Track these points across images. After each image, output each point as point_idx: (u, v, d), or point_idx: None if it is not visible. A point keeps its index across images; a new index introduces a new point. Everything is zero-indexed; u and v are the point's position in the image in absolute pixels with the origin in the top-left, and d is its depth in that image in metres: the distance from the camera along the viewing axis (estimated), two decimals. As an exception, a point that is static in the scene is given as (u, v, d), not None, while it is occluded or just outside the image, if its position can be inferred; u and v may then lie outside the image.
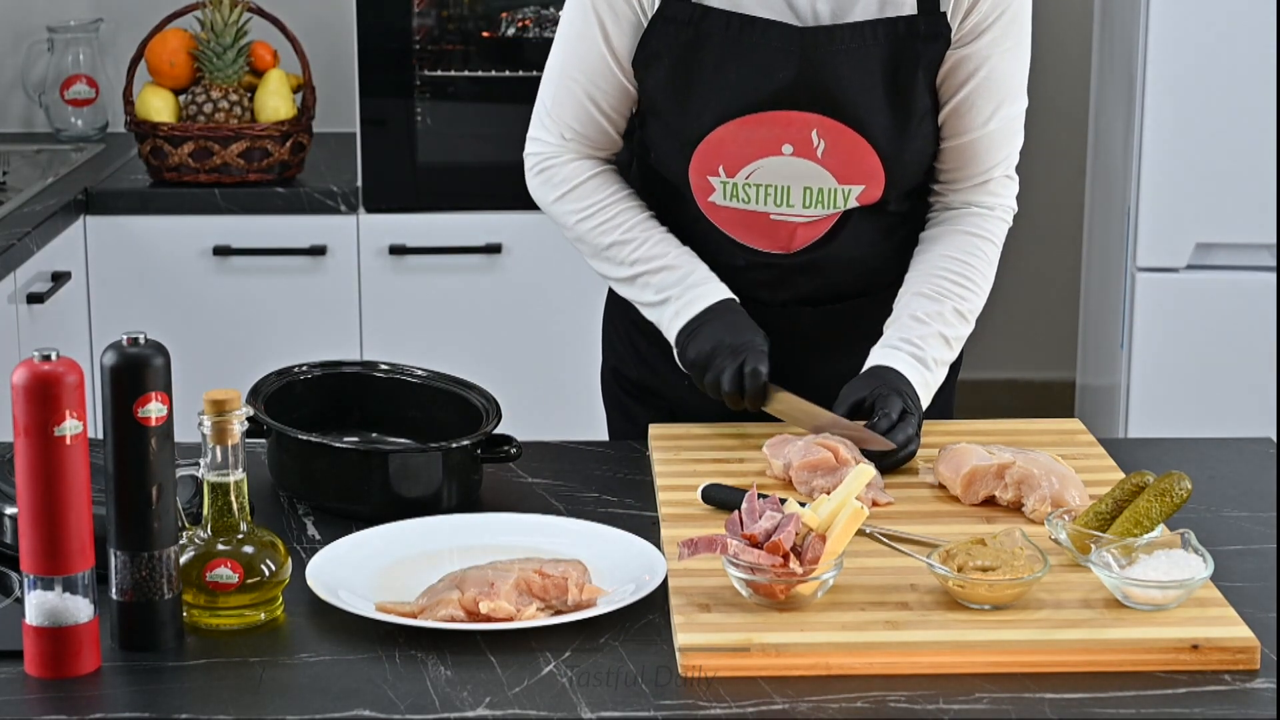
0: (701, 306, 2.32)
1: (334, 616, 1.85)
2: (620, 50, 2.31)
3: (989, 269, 2.41)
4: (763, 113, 2.27)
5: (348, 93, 4.02)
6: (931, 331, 2.32)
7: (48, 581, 1.73)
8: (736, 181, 2.31)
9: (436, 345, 3.84)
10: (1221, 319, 3.85)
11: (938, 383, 2.33)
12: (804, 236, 2.35)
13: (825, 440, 2.15)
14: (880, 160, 2.29)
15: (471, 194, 3.86)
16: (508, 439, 2.19)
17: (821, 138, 2.27)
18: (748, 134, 2.28)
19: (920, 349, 2.30)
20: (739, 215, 2.34)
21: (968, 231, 2.39)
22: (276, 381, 2.26)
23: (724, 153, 2.30)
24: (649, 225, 2.38)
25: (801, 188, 2.31)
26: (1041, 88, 4.86)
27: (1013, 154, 2.39)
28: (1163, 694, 1.71)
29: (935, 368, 2.31)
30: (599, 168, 2.40)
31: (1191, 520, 2.09)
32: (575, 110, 2.36)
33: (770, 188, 2.31)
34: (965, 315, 2.36)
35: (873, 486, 2.09)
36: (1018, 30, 2.29)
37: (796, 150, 2.28)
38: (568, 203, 2.40)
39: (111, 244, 3.81)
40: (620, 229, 2.37)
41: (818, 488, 2.11)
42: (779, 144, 2.28)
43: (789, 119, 2.27)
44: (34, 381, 1.69)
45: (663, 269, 2.35)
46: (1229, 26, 3.74)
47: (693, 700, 1.70)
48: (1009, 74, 2.32)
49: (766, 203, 2.32)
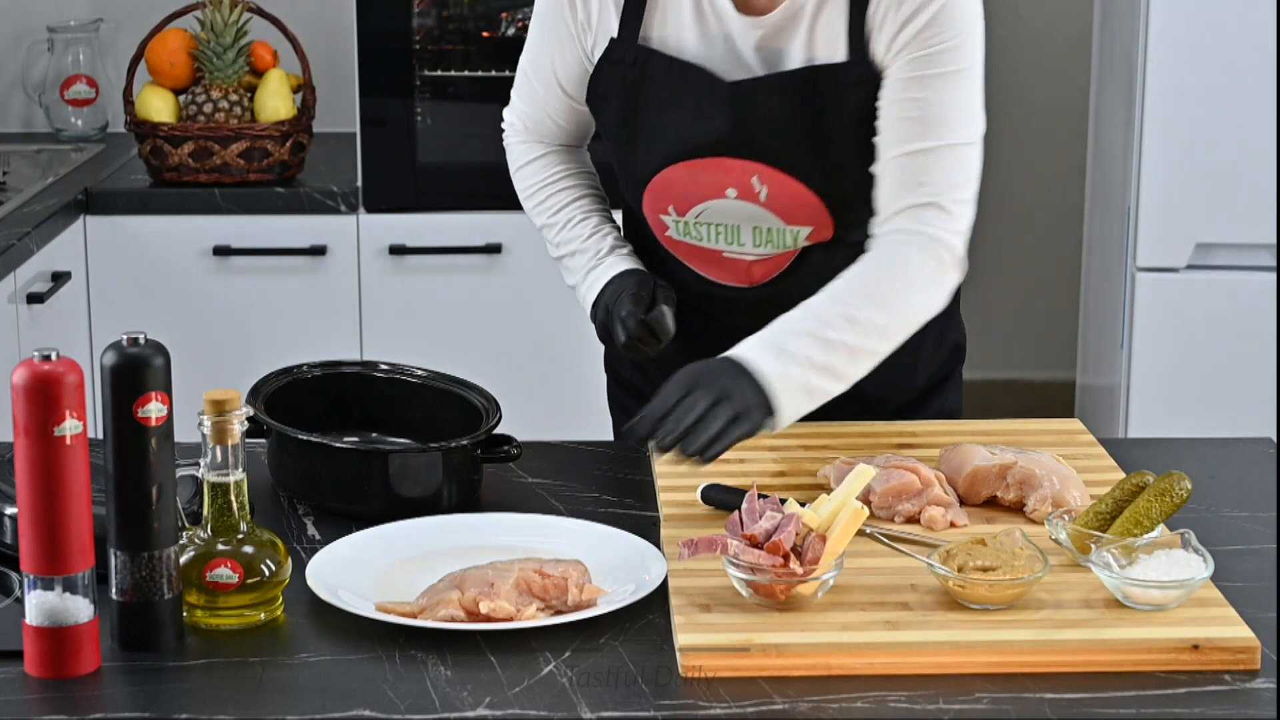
0: (597, 289, 2.36)
1: (334, 616, 1.85)
2: (568, 82, 2.36)
3: (899, 286, 2.18)
4: (704, 159, 2.27)
5: (348, 93, 4.01)
6: (804, 328, 2.12)
7: (48, 581, 1.73)
8: (687, 220, 2.32)
9: (436, 345, 3.84)
10: (1221, 319, 3.85)
11: (806, 379, 2.09)
12: (762, 272, 2.34)
13: (902, 463, 2.09)
14: (823, 203, 2.27)
15: (471, 194, 3.86)
16: (508, 439, 2.19)
17: (763, 183, 2.26)
18: (692, 177, 2.29)
19: (783, 341, 2.11)
20: (695, 250, 2.35)
21: (878, 254, 2.21)
22: (277, 381, 2.26)
23: (673, 193, 2.31)
24: (575, 208, 2.42)
25: (751, 228, 2.30)
26: (1042, 88, 4.87)
27: (944, 185, 2.20)
28: (1163, 694, 1.71)
29: (805, 364, 2.09)
30: (545, 150, 2.45)
31: (1191, 520, 2.09)
32: (528, 107, 2.44)
33: (720, 227, 2.31)
34: (856, 321, 2.13)
35: (951, 508, 2.07)
36: (951, 60, 2.19)
37: (740, 194, 2.28)
38: (518, 180, 2.49)
39: (111, 244, 3.81)
40: (549, 212, 2.44)
41: (902, 513, 2.06)
42: (723, 188, 2.28)
43: (729, 165, 2.27)
44: (34, 381, 1.69)
45: (575, 253, 2.41)
46: (1229, 26, 3.74)
47: (693, 700, 1.70)
48: (936, 102, 2.19)
49: (718, 241, 2.32)
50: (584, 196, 2.44)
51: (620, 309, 2.31)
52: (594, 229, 2.41)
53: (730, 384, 2.06)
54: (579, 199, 2.44)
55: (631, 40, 2.27)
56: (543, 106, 2.41)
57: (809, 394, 2.11)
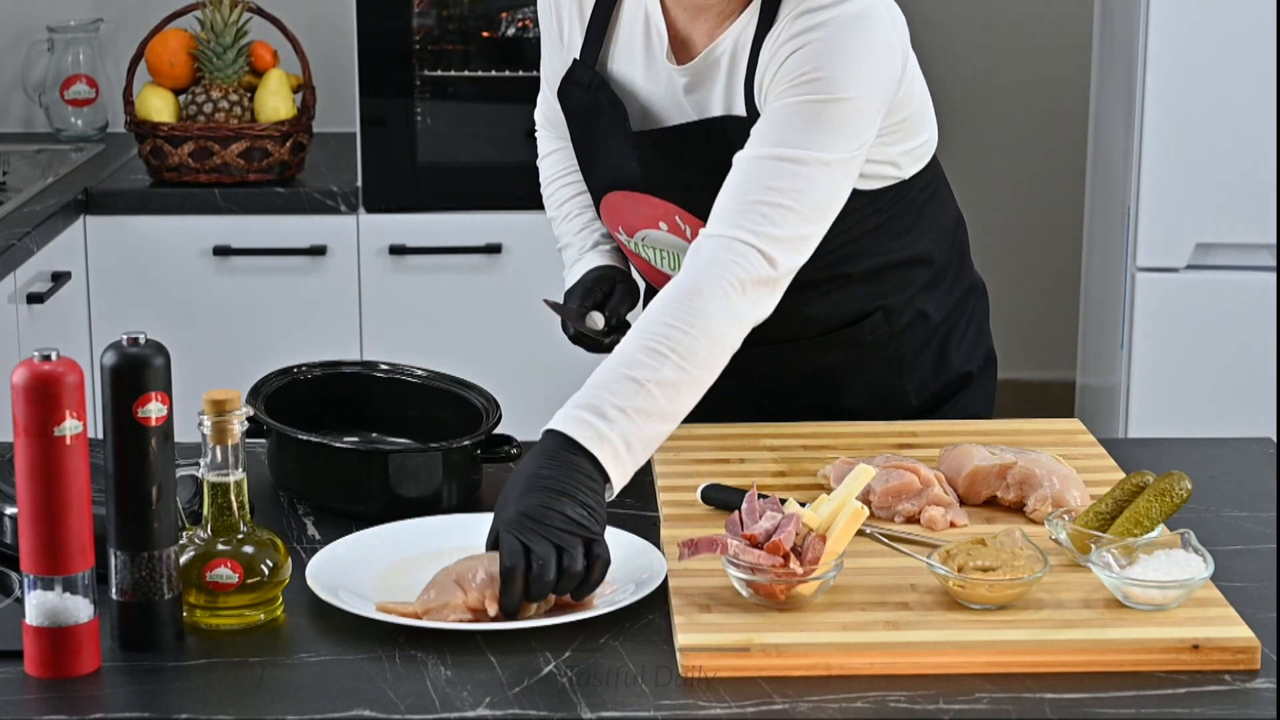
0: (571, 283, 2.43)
1: (334, 616, 1.85)
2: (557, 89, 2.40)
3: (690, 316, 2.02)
4: (633, 192, 2.31)
5: (348, 93, 4.02)
6: (616, 375, 1.98)
7: (48, 581, 1.73)
8: (635, 241, 2.36)
9: (436, 345, 3.84)
10: (1221, 319, 3.85)
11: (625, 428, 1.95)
12: None
13: (902, 463, 2.10)
14: None
15: (471, 194, 3.86)
16: (508, 439, 2.20)
17: (684, 223, 2.29)
18: (631, 205, 2.33)
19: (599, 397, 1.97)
20: (651, 267, 2.39)
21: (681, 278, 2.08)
22: (276, 381, 2.26)
23: (619, 217, 2.36)
24: (572, 204, 2.49)
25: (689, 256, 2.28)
26: (1042, 88, 4.87)
27: (777, 208, 2.07)
28: (1163, 694, 1.71)
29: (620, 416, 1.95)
30: (559, 146, 2.51)
31: (1191, 520, 2.09)
32: (541, 103, 2.51)
33: (663, 251, 2.34)
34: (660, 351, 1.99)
35: (951, 508, 2.07)
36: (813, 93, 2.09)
37: (670, 229, 2.31)
38: (540, 172, 2.56)
39: (111, 244, 3.81)
40: (555, 204, 2.52)
41: (902, 513, 2.06)
42: (655, 220, 2.32)
43: (653, 203, 2.30)
44: (34, 381, 1.69)
45: (567, 246, 2.49)
46: (1229, 26, 3.74)
47: (693, 700, 1.70)
48: (783, 123, 2.10)
49: (663, 264, 2.35)
50: (584, 193, 2.47)
51: (570, 301, 2.38)
52: (584, 225, 2.47)
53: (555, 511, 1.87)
54: (578, 194, 2.48)
55: (589, 65, 2.31)
56: (552, 105, 2.45)
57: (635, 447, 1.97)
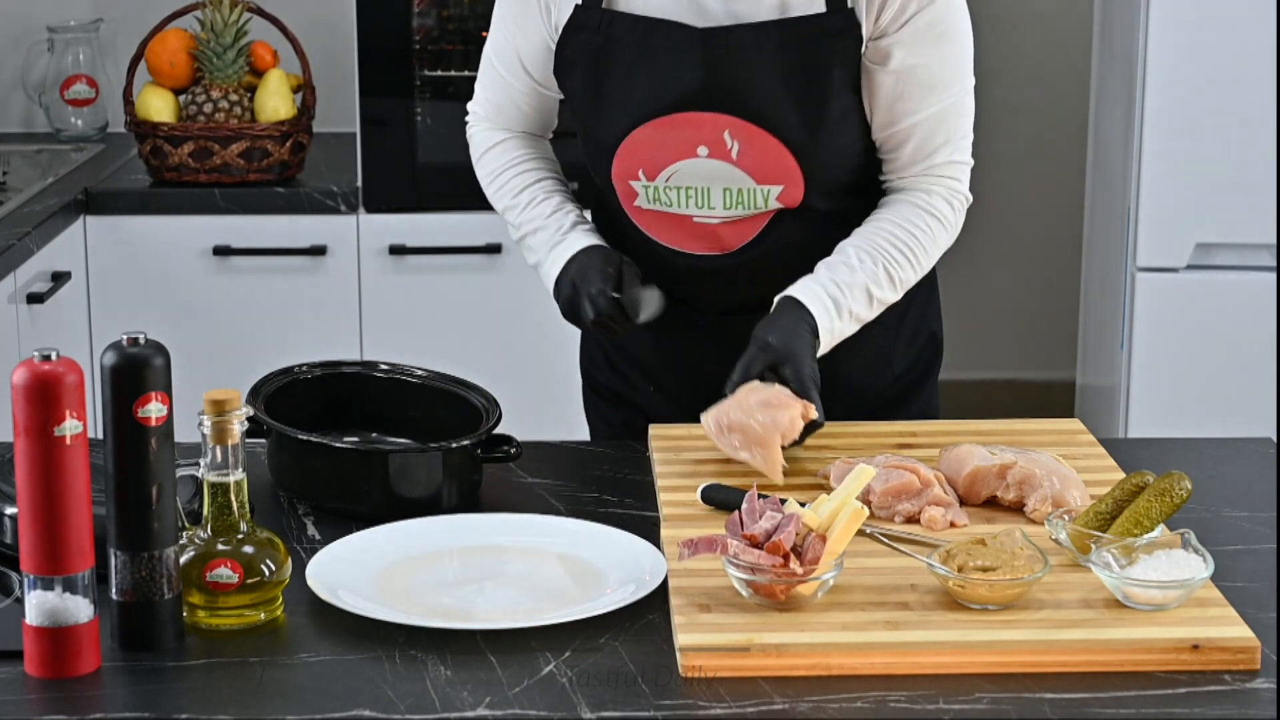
0: (561, 265, 2.35)
1: (334, 616, 1.85)
2: (532, 65, 2.37)
3: (931, 244, 2.33)
4: (674, 114, 2.27)
5: (348, 93, 4.01)
6: (858, 281, 2.28)
7: (48, 581, 1.73)
8: (657, 185, 2.32)
9: (436, 345, 3.83)
10: (1221, 319, 3.85)
11: (844, 334, 2.28)
12: (733, 237, 2.34)
13: (902, 463, 2.10)
14: (796, 160, 2.27)
15: (471, 194, 3.81)
16: (508, 439, 2.20)
17: (734, 139, 2.27)
18: (662, 136, 2.28)
19: (841, 295, 2.27)
20: (664, 219, 2.35)
21: (915, 204, 2.34)
22: (276, 381, 2.26)
23: (642, 156, 2.31)
24: (537, 188, 2.42)
25: (721, 189, 2.30)
26: (1042, 88, 4.87)
27: (956, 138, 2.33)
28: (1163, 694, 1.71)
29: (848, 320, 2.27)
30: (505, 136, 2.45)
31: (1191, 520, 2.09)
32: (493, 95, 2.44)
33: (690, 190, 2.31)
34: (895, 281, 2.30)
35: (951, 508, 2.08)
36: (944, 19, 2.26)
37: (711, 152, 2.28)
38: (480, 167, 2.49)
39: (111, 244, 3.81)
40: (510, 193, 2.44)
41: (902, 513, 2.06)
42: (694, 146, 2.28)
43: (700, 120, 2.27)
44: (34, 381, 1.69)
45: (536, 230, 2.40)
46: (1229, 27, 3.74)
47: (693, 700, 1.70)
48: (938, 63, 2.27)
49: (688, 205, 2.32)
50: (546, 178, 2.43)
51: (589, 285, 2.30)
52: (556, 206, 2.41)
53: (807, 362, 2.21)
54: (540, 180, 2.43)
55: (595, 5, 2.27)
56: (508, 93, 2.41)
57: (835, 339, 2.28)
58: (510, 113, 2.43)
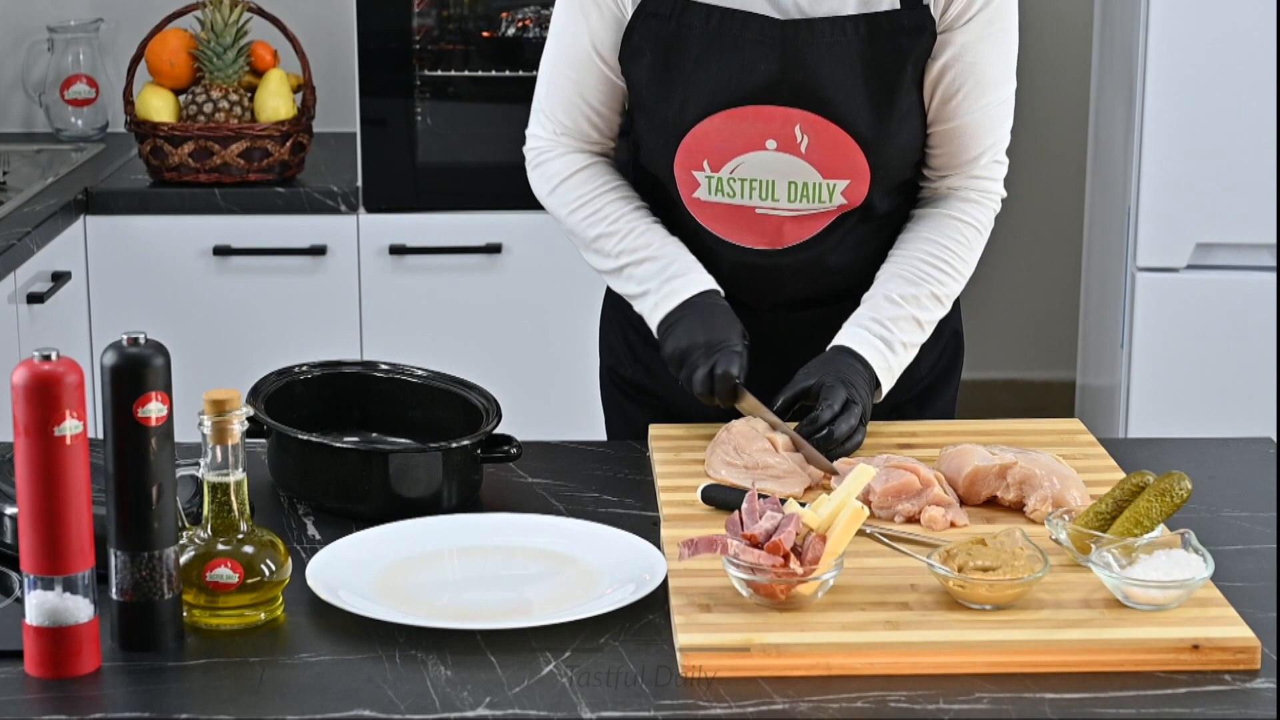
0: (678, 300, 2.32)
1: (334, 616, 1.85)
2: (604, 46, 2.32)
3: (970, 255, 2.39)
4: (745, 107, 2.27)
5: (348, 93, 4.02)
6: (904, 314, 2.32)
7: (48, 581, 1.73)
8: (721, 176, 2.31)
9: (436, 345, 3.84)
10: (1221, 319, 3.85)
11: (902, 365, 2.33)
12: (794, 233, 2.34)
13: (903, 463, 2.10)
14: (864, 155, 2.29)
15: (471, 194, 3.86)
16: (508, 439, 2.19)
17: (805, 133, 2.27)
18: (731, 128, 2.28)
19: (889, 331, 2.30)
20: (725, 210, 2.34)
21: (953, 216, 2.38)
22: (276, 381, 2.26)
23: (708, 147, 2.30)
24: (636, 217, 2.37)
25: (786, 182, 2.30)
26: (1041, 88, 4.87)
27: (1000, 139, 2.39)
28: (1163, 694, 1.71)
29: (902, 351, 2.32)
30: (590, 160, 2.40)
31: (1191, 520, 2.09)
32: (565, 105, 2.37)
33: (755, 182, 2.30)
34: (941, 299, 2.35)
35: (951, 508, 2.08)
36: (1002, 15, 2.29)
37: (780, 145, 2.28)
38: (559, 195, 2.40)
39: (111, 244, 3.81)
40: (606, 221, 2.37)
41: (902, 513, 2.06)
42: (762, 139, 2.28)
43: (771, 114, 2.27)
44: (34, 381, 1.69)
45: (645, 260, 2.35)
46: (1229, 26, 3.74)
47: (693, 700, 1.70)
48: (995, 59, 2.31)
49: (752, 197, 2.31)
50: (642, 207, 2.39)
51: (727, 364, 2.26)
52: (664, 237, 2.36)
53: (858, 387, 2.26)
54: (639, 208, 2.39)
55: None
56: (579, 94, 2.35)
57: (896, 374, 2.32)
58: (581, 122, 2.37)
